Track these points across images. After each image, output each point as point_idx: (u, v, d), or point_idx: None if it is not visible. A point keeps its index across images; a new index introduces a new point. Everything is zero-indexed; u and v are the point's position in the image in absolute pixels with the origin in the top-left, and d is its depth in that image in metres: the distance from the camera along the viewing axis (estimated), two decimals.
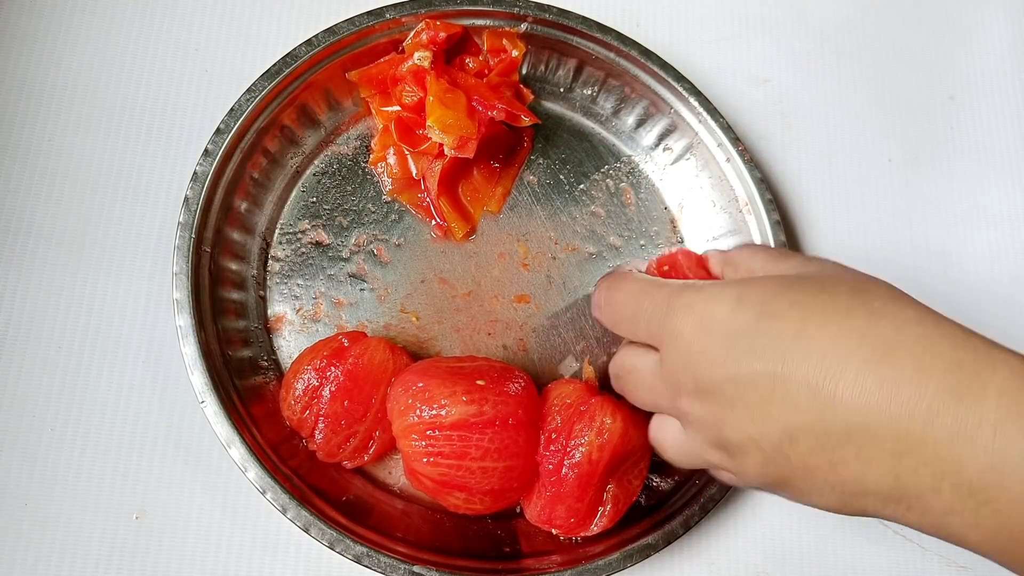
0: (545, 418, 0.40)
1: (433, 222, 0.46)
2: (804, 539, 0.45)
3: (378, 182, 0.47)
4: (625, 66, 0.47)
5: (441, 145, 0.43)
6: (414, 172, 0.46)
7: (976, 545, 0.26)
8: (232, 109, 0.43)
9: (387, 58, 0.47)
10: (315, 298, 0.45)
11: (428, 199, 0.46)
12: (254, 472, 0.39)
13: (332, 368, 0.40)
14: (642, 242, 0.47)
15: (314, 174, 0.47)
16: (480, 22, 0.47)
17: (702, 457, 0.32)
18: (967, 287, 0.50)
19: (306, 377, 0.40)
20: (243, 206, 0.45)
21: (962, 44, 0.54)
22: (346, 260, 0.45)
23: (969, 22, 0.54)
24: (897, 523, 0.30)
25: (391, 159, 0.46)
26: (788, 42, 0.53)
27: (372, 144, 0.47)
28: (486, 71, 0.47)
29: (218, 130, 0.43)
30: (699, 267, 0.38)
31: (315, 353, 0.41)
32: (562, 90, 0.49)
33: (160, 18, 0.49)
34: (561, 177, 0.48)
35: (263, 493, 0.39)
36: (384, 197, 0.47)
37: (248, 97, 0.44)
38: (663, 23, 0.52)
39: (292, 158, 0.46)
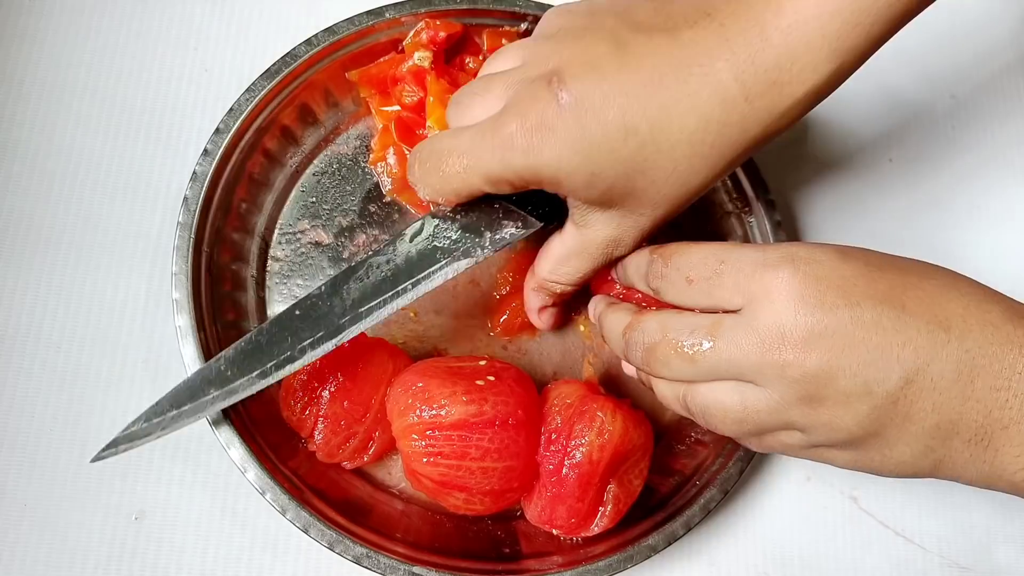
0: (545, 418, 0.40)
1: None
2: (805, 540, 0.45)
3: (378, 182, 0.47)
4: None
5: None
6: None
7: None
8: (231, 109, 0.43)
9: (387, 58, 0.47)
10: None
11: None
12: (253, 473, 0.39)
13: (331, 368, 0.40)
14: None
15: (314, 174, 0.47)
16: (480, 21, 0.47)
17: (778, 417, 0.31)
18: None
19: (306, 378, 0.40)
20: (242, 206, 0.44)
21: (964, 42, 0.54)
22: (346, 260, 0.45)
23: (971, 20, 0.54)
24: (951, 475, 0.31)
25: (391, 159, 0.46)
26: None
27: (372, 144, 0.47)
28: None
29: (217, 130, 0.43)
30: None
31: None
32: None
33: (160, 17, 0.49)
34: None
35: (262, 494, 0.38)
36: (384, 197, 0.46)
37: (247, 97, 0.43)
38: None
39: (291, 158, 0.46)
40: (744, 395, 0.32)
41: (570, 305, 0.46)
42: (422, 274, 0.36)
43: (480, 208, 0.37)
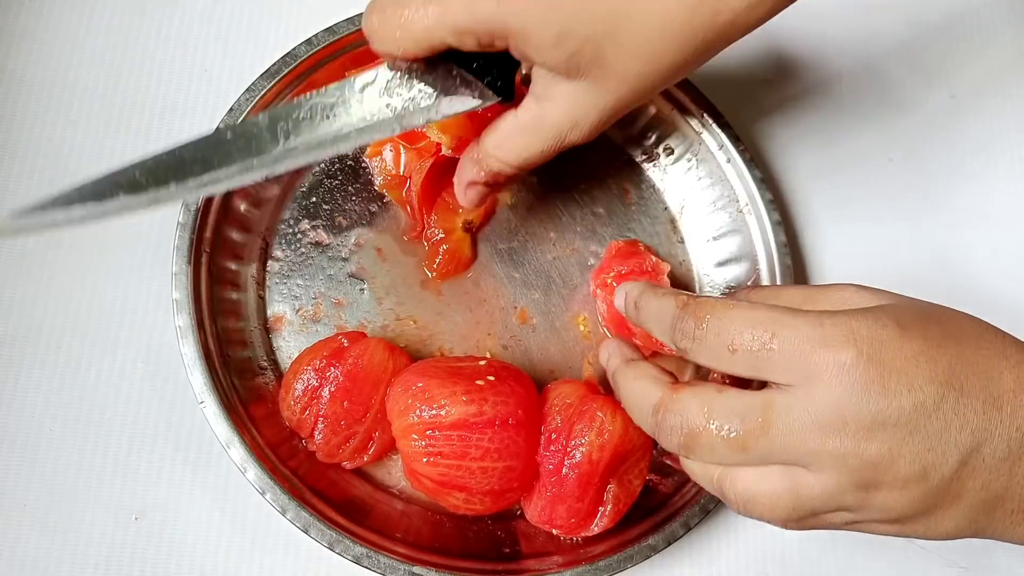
0: (545, 418, 0.40)
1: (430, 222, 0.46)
2: (804, 540, 0.45)
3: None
4: None
5: (438, 144, 0.43)
6: (403, 169, 0.46)
7: None
8: (231, 109, 0.43)
9: None
10: (315, 298, 0.45)
11: (409, 198, 0.45)
12: (253, 473, 0.39)
13: (332, 368, 0.40)
14: (643, 242, 0.47)
15: (314, 174, 0.47)
16: None
17: (831, 501, 0.30)
18: (968, 287, 0.50)
19: (306, 377, 0.40)
20: (242, 206, 0.44)
21: (963, 42, 0.54)
22: (346, 260, 0.45)
23: (970, 20, 0.54)
24: (990, 537, 0.31)
25: (387, 155, 0.46)
26: (789, 42, 0.53)
27: None
28: None
29: (217, 130, 0.43)
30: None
31: (315, 353, 0.40)
32: None
33: (160, 17, 0.49)
34: (562, 176, 0.48)
35: (262, 494, 0.39)
36: (385, 197, 0.46)
37: (248, 97, 0.43)
38: None
39: None
40: (796, 481, 0.30)
41: (569, 304, 0.46)
42: (366, 125, 0.35)
43: (437, 71, 0.35)
